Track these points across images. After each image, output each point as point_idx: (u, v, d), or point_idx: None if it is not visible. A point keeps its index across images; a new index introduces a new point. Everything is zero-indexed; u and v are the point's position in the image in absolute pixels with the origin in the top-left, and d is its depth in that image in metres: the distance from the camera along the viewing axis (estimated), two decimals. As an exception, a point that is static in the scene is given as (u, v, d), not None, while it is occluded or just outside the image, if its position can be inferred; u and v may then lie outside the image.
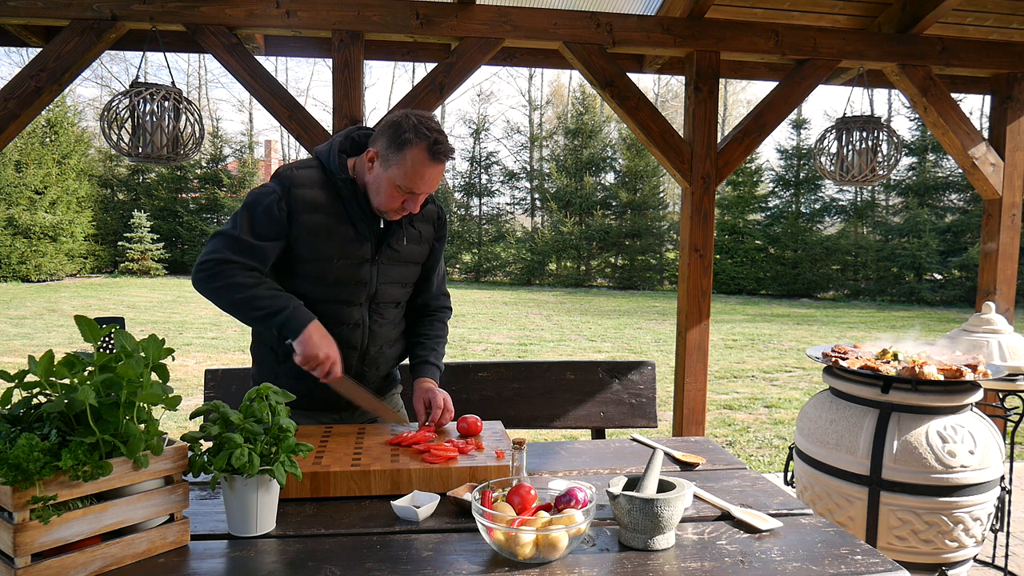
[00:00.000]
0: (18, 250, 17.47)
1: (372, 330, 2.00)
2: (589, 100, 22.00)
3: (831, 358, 2.65)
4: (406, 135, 1.79)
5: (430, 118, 1.84)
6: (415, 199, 1.86)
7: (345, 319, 1.95)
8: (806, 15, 3.95)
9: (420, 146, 1.78)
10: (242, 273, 1.79)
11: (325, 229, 1.87)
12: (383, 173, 1.83)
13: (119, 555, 1.26)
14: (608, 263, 20.87)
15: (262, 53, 3.99)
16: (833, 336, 11.22)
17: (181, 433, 1.41)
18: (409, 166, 1.79)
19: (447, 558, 1.30)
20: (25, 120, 3.40)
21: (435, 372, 2.07)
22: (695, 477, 1.78)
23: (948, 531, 2.34)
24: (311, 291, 1.91)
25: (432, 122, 1.83)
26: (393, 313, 2.05)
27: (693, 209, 3.80)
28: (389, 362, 2.10)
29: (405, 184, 1.82)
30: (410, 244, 2.01)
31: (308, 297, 1.90)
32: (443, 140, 1.81)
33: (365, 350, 2.00)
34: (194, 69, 29.73)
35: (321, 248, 1.87)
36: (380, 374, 2.08)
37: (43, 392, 1.25)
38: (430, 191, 1.87)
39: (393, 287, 2.01)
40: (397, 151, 1.80)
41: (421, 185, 1.83)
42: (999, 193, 4.15)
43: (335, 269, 1.90)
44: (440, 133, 1.81)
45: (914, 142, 17.77)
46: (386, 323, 2.03)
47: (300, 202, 1.85)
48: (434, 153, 1.80)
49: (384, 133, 1.83)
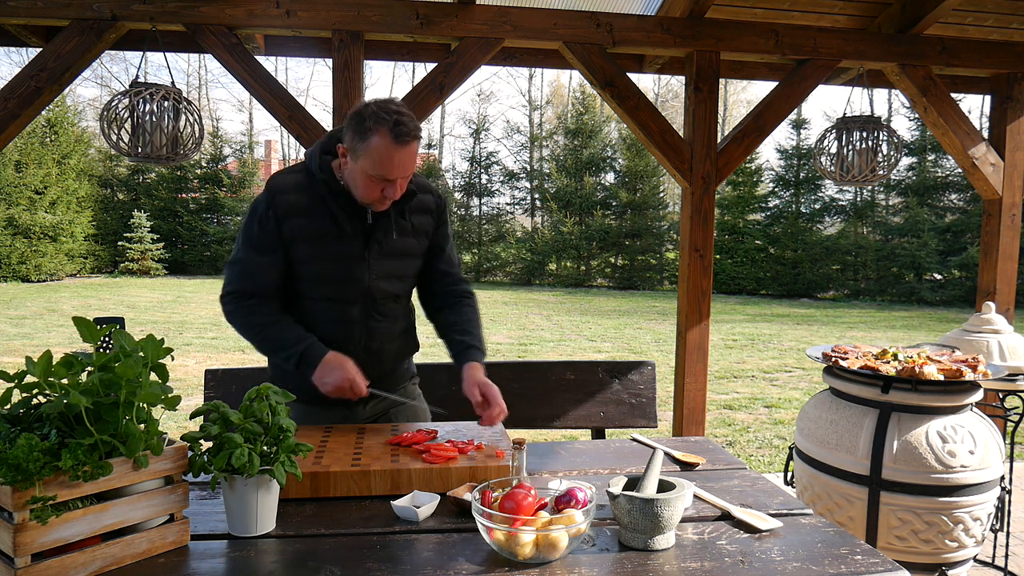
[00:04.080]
0: (18, 250, 17.46)
1: (370, 326, 1.99)
2: (589, 100, 21.99)
3: (831, 358, 2.65)
4: (367, 123, 1.76)
5: (390, 101, 1.80)
6: (392, 186, 1.82)
7: (342, 316, 1.96)
8: (806, 15, 3.95)
9: (381, 132, 1.75)
10: (255, 310, 1.92)
11: (309, 231, 1.89)
12: (355, 166, 1.82)
13: (119, 555, 1.26)
14: (608, 263, 20.86)
15: (262, 53, 3.99)
16: (833, 336, 11.22)
17: (181, 433, 1.41)
18: (375, 154, 1.77)
19: (447, 558, 1.30)
20: (25, 120, 3.40)
21: (478, 355, 2.00)
22: (695, 477, 1.78)
23: (948, 531, 2.34)
24: (309, 291, 1.96)
25: (392, 105, 1.78)
26: (392, 308, 2.03)
27: (693, 209, 3.80)
28: (393, 357, 2.08)
29: (376, 173, 1.79)
30: (403, 237, 1.98)
31: (308, 297, 1.96)
32: (405, 120, 1.76)
33: (365, 346, 2.00)
34: (194, 69, 29.73)
35: (308, 249, 1.91)
36: (385, 370, 2.06)
37: (42, 392, 1.25)
38: (404, 175, 1.83)
39: (388, 282, 1.99)
40: (362, 141, 1.77)
41: (392, 171, 1.79)
42: (999, 193, 4.15)
43: (325, 268, 1.92)
44: (400, 114, 1.76)
45: (914, 142, 17.77)
46: (385, 319, 2.01)
47: (284, 207, 1.89)
48: (397, 135, 1.75)
49: (349, 126, 1.81)
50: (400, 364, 2.15)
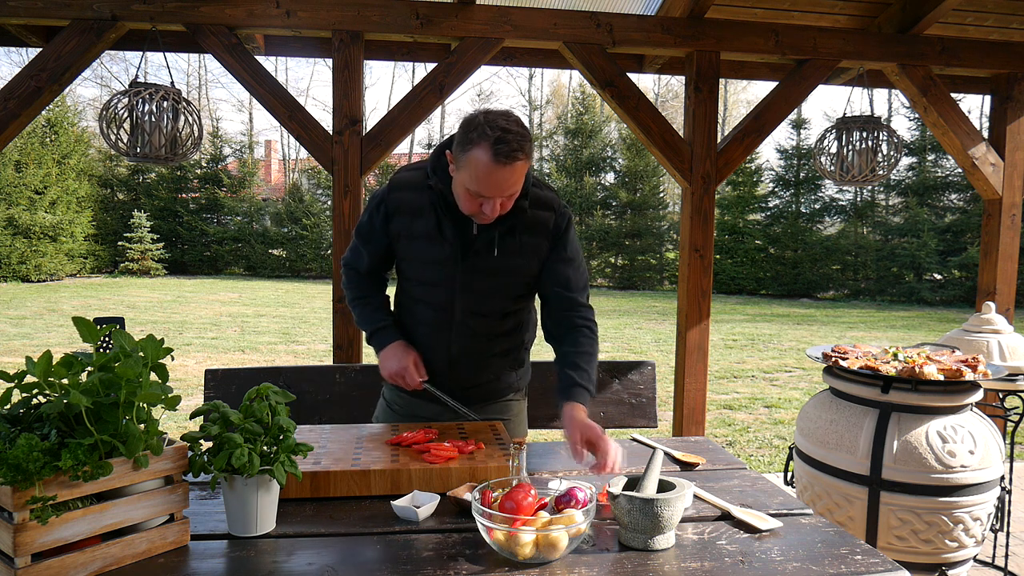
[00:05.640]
0: (18, 250, 17.46)
1: (453, 337, 1.95)
2: (589, 100, 21.99)
3: (831, 358, 2.65)
4: (471, 135, 1.67)
5: (502, 114, 1.69)
6: (491, 203, 1.71)
7: (429, 319, 1.97)
8: (806, 15, 3.95)
9: (482, 146, 1.64)
10: (357, 283, 2.05)
11: (413, 230, 1.90)
12: (457, 177, 1.74)
13: (119, 555, 1.26)
14: (608, 263, 20.86)
15: (262, 53, 3.99)
16: (833, 336, 11.21)
17: (181, 433, 1.41)
18: (473, 169, 1.67)
19: (447, 558, 1.30)
20: (25, 120, 3.40)
21: (583, 395, 1.83)
22: (695, 477, 1.78)
23: (948, 531, 2.34)
24: (408, 287, 2.01)
25: (502, 119, 1.67)
26: (480, 324, 1.95)
27: (693, 209, 3.80)
28: (484, 372, 2.01)
29: (474, 188, 1.69)
30: (507, 255, 1.86)
31: (407, 292, 2.03)
32: (509, 138, 1.63)
33: (447, 355, 1.97)
34: (194, 69, 29.73)
35: (409, 248, 1.93)
36: (476, 381, 2.01)
37: (42, 392, 1.25)
38: (503, 194, 1.71)
39: (480, 297, 1.91)
40: (463, 153, 1.69)
41: (488, 189, 1.68)
42: (999, 193, 4.15)
43: (419, 270, 1.94)
44: (507, 131, 1.64)
45: (914, 142, 17.76)
46: (471, 333, 1.95)
47: (396, 204, 1.91)
48: (496, 154, 1.63)
49: (457, 134, 1.73)
50: (488, 379, 2.05)
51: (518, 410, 2.16)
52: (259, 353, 8.95)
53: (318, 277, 20.84)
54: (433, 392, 1.98)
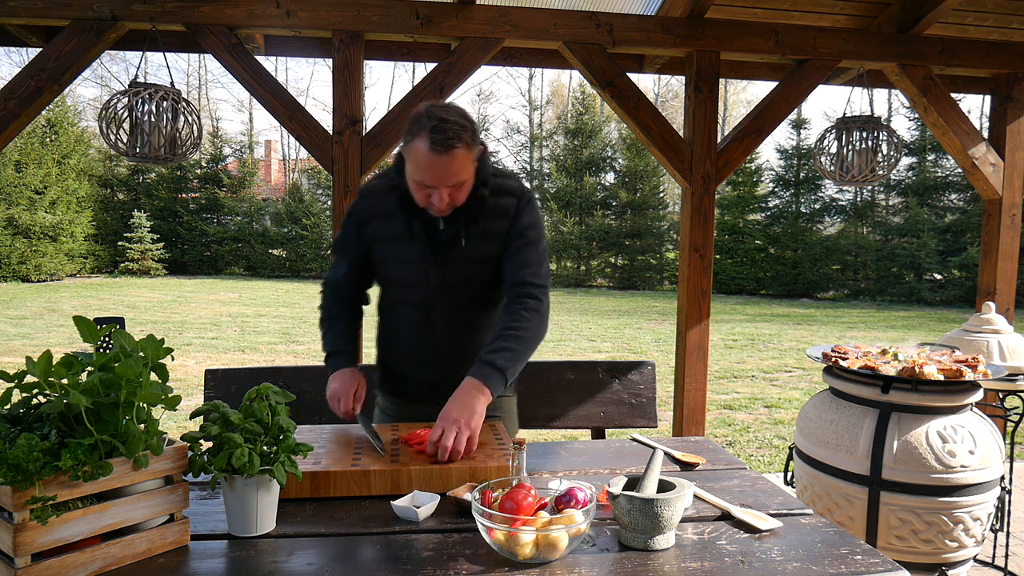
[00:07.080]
0: (18, 250, 17.46)
1: (435, 332, 1.96)
2: (589, 100, 22.00)
3: (831, 358, 2.65)
4: (413, 127, 1.72)
5: (444, 107, 1.73)
6: (438, 193, 1.74)
7: (411, 318, 1.98)
8: (806, 15, 3.95)
9: (421, 136, 1.69)
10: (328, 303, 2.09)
11: (385, 233, 1.94)
12: (407, 170, 1.79)
13: (119, 555, 1.26)
14: (608, 263, 20.87)
15: (262, 53, 3.99)
16: (833, 336, 11.21)
17: (181, 433, 1.41)
18: (415, 159, 1.72)
19: (447, 558, 1.30)
20: (25, 120, 3.40)
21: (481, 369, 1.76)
22: (695, 477, 1.78)
23: (948, 531, 2.34)
24: (388, 290, 2.04)
25: (442, 111, 1.71)
26: (460, 317, 1.96)
27: (693, 209, 3.80)
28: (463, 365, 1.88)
29: (418, 178, 1.74)
30: (475, 244, 1.89)
31: (388, 296, 2.05)
32: (446, 128, 1.67)
33: (431, 351, 1.98)
34: (194, 69, 29.72)
35: (383, 251, 1.97)
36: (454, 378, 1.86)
37: (42, 392, 1.25)
38: (447, 183, 1.73)
39: (456, 289, 1.93)
40: (407, 145, 1.75)
41: (430, 178, 1.72)
42: (999, 193, 4.15)
43: (394, 271, 1.97)
44: (444, 121, 1.67)
45: (914, 142, 17.77)
46: (453, 327, 1.96)
47: (365, 211, 1.97)
48: (433, 143, 1.67)
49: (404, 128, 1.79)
50: None
51: (508, 407, 2.14)
52: (259, 353, 8.95)
53: (318, 277, 20.82)
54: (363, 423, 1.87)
